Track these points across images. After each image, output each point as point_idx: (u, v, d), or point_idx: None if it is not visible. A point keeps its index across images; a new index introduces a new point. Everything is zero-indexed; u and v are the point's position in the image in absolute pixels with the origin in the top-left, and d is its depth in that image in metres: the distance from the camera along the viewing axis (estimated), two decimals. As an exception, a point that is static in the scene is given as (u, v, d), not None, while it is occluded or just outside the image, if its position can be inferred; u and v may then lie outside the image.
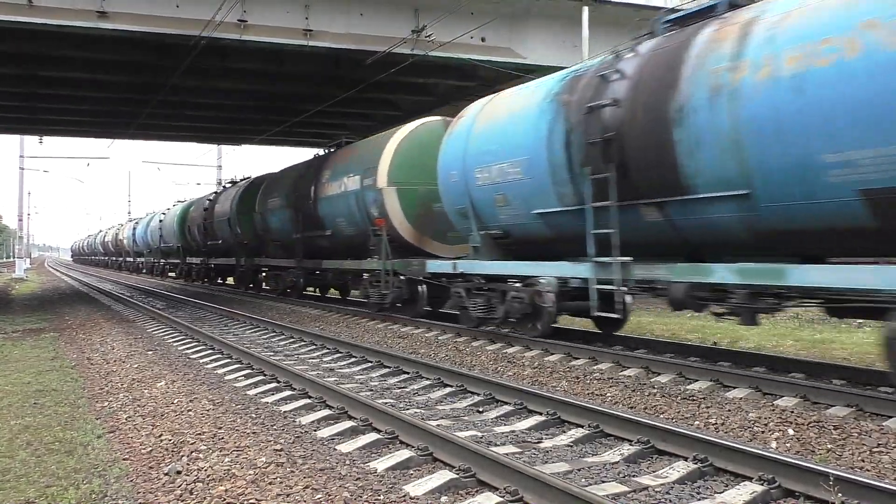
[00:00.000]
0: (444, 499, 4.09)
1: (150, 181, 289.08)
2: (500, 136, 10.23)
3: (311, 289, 20.40)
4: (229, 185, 26.93)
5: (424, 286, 12.98)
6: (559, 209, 9.24)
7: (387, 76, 17.87)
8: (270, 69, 19.37)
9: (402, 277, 13.11)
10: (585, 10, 16.27)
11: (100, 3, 14.58)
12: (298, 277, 18.41)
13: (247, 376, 7.97)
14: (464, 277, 11.21)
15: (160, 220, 35.64)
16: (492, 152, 10.28)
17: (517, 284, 10.03)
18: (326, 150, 17.82)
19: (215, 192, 28.31)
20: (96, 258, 73.86)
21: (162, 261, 36.39)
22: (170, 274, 35.97)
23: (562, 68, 10.63)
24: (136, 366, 8.69)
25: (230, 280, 27.54)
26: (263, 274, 22.21)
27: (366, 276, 14.37)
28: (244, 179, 24.66)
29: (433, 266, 12.08)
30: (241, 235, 22.52)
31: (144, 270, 43.09)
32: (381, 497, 4.03)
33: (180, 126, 28.47)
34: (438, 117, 14.31)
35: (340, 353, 9.71)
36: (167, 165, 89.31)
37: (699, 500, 4.09)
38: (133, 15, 14.90)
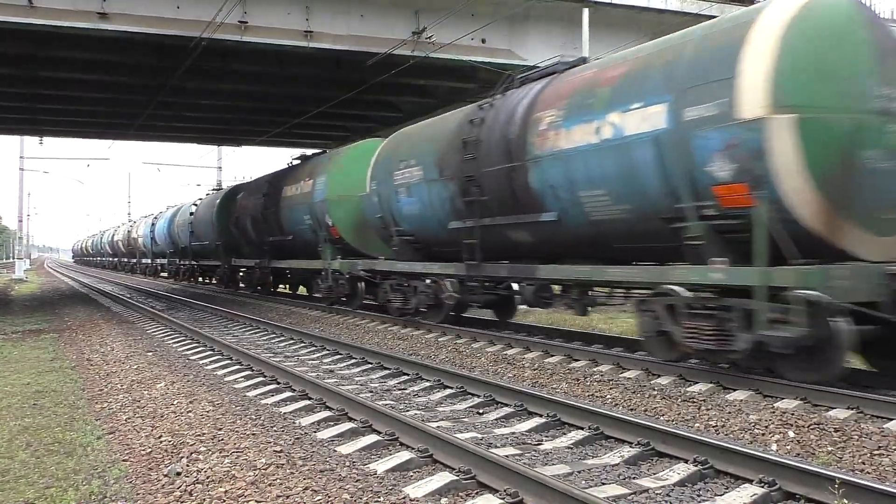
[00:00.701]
0: (444, 501, 4.08)
1: (150, 182, 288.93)
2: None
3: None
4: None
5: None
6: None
7: (387, 78, 17.86)
8: (271, 70, 19.37)
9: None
10: (586, 11, 16.26)
11: (100, 4, 14.59)
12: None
13: (247, 377, 7.96)
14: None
15: (190, 213, 29.21)
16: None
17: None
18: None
19: (273, 175, 21.32)
20: (102, 259, 67.52)
21: (192, 263, 29.92)
22: (204, 279, 30.74)
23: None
24: (135, 367, 8.69)
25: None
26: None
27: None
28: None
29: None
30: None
31: (166, 274, 38.00)
32: (381, 499, 4.02)
33: (181, 127, 28.47)
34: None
35: (341, 354, 9.70)
36: (167, 167, 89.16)
37: (700, 502, 4.09)
38: (133, 16, 14.90)
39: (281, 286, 22.76)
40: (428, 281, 12.03)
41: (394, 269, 13.00)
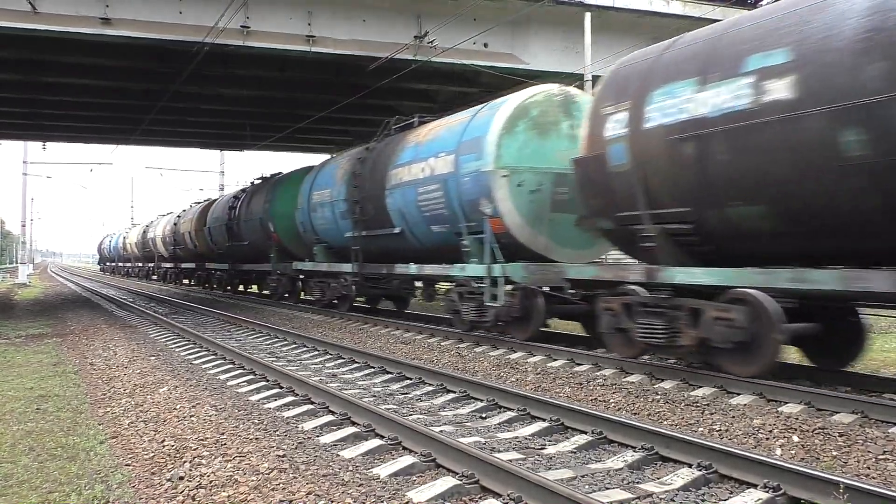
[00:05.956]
0: (447, 505, 4.07)
1: (153, 187, 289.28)
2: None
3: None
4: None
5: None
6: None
7: (389, 82, 17.89)
8: (273, 75, 19.44)
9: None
10: (587, 16, 16.29)
11: (103, 9, 14.64)
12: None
13: (249, 381, 7.96)
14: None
15: (230, 208, 23.27)
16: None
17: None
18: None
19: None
20: (112, 265, 60.82)
21: (233, 268, 24.58)
22: (246, 289, 25.82)
23: (564, 74, 10.69)
24: (138, 371, 8.68)
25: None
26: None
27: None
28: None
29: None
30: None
31: (192, 282, 32.35)
32: (385, 503, 4.01)
33: (183, 132, 28.56)
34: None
35: (343, 358, 9.69)
36: (170, 171, 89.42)
37: (704, 507, 4.07)
38: (136, 21, 14.96)
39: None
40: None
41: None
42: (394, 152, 13.41)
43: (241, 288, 25.97)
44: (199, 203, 31.74)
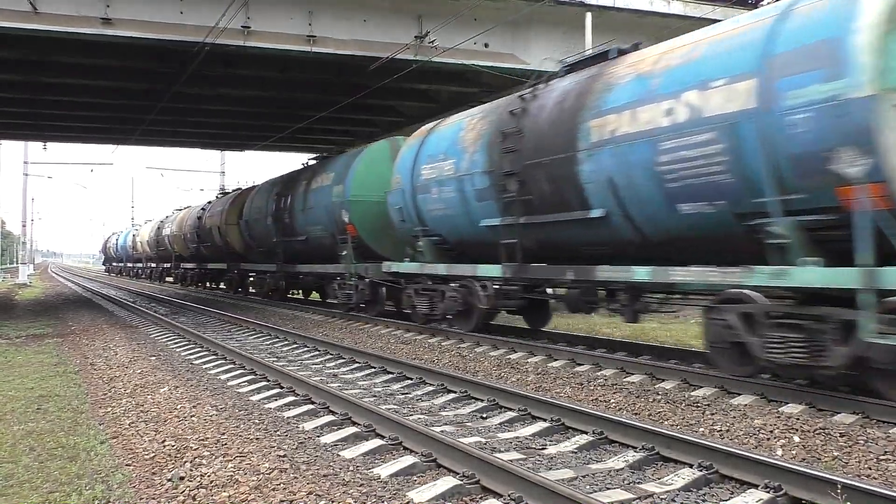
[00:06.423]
0: (448, 505, 4.07)
1: (153, 187, 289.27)
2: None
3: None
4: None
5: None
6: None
7: (390, 82, 17.89)
8: (274, 75, 19.41)
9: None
10: (588, 16, 16.28)
11: (104, 10, 14.64)
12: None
13: (250, 382, 7.96)
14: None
15: (276, 194, 20.00)
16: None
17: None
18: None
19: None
20: (119, 265, 56.69)
21: (285, 269, 19.94)
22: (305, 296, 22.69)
23: (565, 74, 10.63)
24: (139, 371, 8.69)
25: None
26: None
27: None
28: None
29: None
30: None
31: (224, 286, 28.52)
32: (385, 503, 4.01)
33: (184, 132, 28.53)
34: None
35: (343, 358, 9.69)
36: (171, 171, 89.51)
37: (705, 507, 4.07)
38: (137, 21, 14.95)
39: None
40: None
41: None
42: (590, 93, 8.84)
43: (292, 293, 21.69)
44: (226, 194, 27.90)
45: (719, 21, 9.24)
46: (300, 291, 22.74)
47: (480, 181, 10.62)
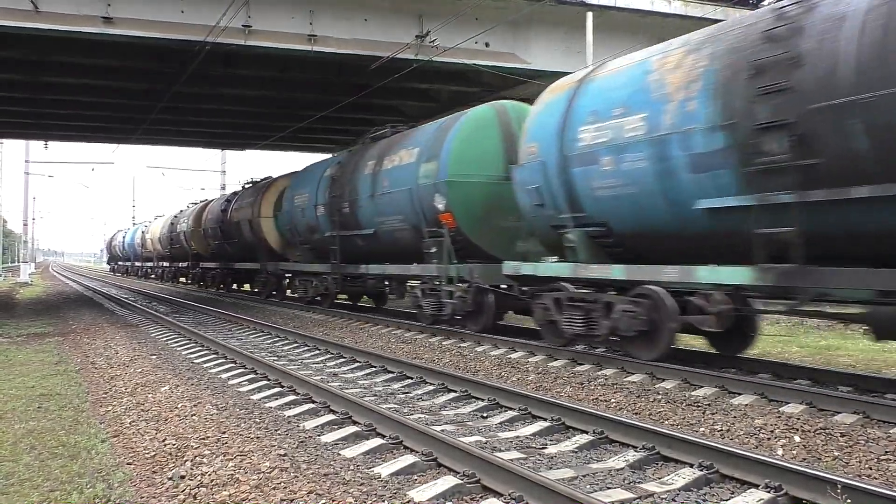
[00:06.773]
0: (448, 504, 4.07)
1: (154, 186, 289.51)
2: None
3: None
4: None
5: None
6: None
7: (391, 82, 17.90)
8: (274, 75, 19.43)
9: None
10: (589, 15, 16.27)
11: (105, 9, 14.64)
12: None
13: (251, 381, 7.96)
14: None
15: (327, 174, 16.75)
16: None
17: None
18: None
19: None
20: (125, 264, 53.37)
21: (342, 271, 16.38)
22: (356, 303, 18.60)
23: (566, 74, 10.64)
24: (139, 370, 8.69)
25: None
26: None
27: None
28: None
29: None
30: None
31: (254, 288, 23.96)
32: (386, 502, 4.01)
33: (185, 131, 28.56)
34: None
35: (344, 357, 9.70)
36: (172, 170, 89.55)
37: (705, 506, 4.07)
38: (138, 21, 14.96)
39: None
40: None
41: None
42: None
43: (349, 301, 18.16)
44: (253, 183, 23.37)
45: (720, 21, 9.23)
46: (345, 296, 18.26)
47: (705, 141, 7.25)
